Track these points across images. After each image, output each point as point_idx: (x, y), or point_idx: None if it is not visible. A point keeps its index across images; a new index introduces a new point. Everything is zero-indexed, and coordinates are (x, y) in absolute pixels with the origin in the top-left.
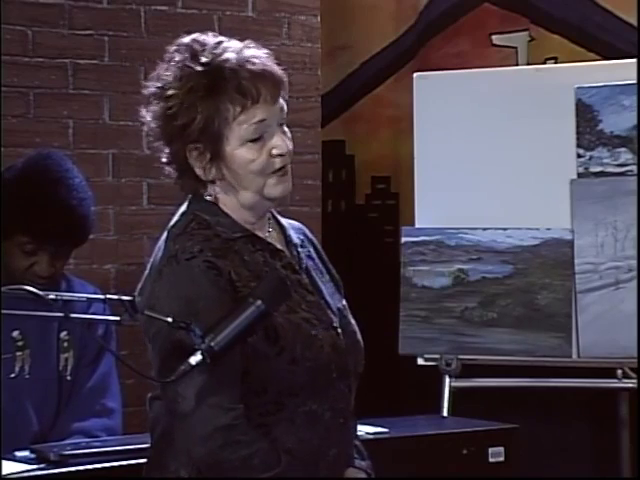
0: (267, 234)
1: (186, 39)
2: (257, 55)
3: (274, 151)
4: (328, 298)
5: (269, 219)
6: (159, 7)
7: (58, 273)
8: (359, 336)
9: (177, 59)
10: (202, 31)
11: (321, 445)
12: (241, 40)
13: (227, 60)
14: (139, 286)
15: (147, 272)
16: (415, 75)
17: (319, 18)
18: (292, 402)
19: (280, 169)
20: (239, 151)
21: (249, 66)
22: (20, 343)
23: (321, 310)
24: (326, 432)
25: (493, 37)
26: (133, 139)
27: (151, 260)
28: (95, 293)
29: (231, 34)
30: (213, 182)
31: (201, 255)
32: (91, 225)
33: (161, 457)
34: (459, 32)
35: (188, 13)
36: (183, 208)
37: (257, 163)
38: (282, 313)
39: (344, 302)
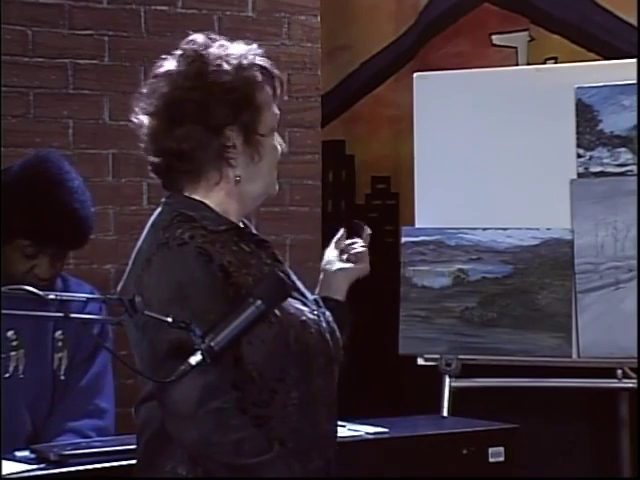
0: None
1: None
2: None
3: (280, 147)
4: (303, 289)
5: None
6: (159, 7)
7: (57, 274)
8: (335, 325)
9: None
10: (202, 31)
11: (311, 433)
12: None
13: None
14: (119, 286)
15: (129, 269)
16: (415, 75)
17: (319, 18)
18: (284, 389)
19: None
20: (269, 139)
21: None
22: (14, 343)
23: (305, 297)
24: (316, 420)
25: (493, 37)
26: (133, 139)
27: (132, 257)
28: (92, 292)
29: (231, 34)
30: (233, 167)
31: (192, 242)
32: (92, 227)
33: (154, 458)
34: (459, 32)
35: (188, 13)
36: (162, 208)
37: (279, 154)
38: None
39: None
